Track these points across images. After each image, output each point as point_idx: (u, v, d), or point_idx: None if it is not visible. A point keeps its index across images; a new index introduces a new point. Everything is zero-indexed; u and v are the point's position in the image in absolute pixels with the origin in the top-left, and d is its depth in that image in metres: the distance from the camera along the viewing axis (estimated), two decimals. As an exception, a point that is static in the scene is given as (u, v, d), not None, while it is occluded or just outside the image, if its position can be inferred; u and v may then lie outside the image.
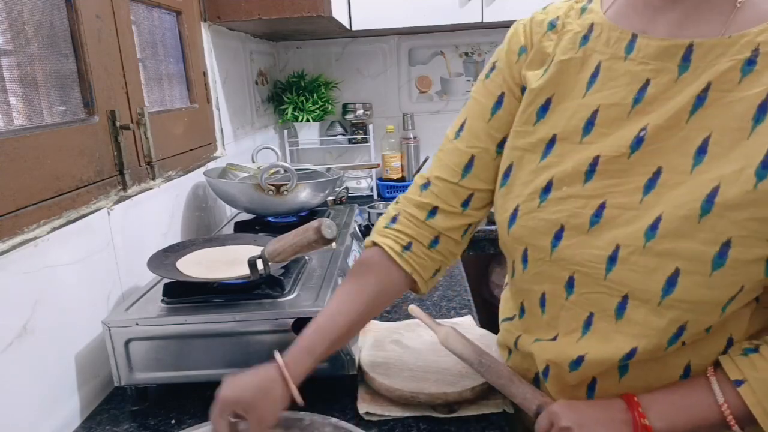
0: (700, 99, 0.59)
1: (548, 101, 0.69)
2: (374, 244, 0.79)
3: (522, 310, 0.76)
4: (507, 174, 0.73)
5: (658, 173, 0.61)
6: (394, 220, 0.79)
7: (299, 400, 0.71)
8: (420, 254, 0.77)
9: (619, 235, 0.62)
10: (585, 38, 0.68)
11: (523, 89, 0.72)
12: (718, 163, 0.58)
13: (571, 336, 0.69)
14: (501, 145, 0.75)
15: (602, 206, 0.64)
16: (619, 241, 0.62)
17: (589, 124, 0.66)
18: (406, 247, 0.77)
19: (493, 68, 0.76)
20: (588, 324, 0.67)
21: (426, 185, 0.78)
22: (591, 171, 0.65)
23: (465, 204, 0.77)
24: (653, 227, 0.59)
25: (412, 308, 0.94)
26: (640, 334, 0.63)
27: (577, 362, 0.67)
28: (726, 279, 0.57)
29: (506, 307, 0.84)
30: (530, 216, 0.69)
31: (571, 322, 0.69)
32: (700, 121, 0.59)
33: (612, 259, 0.62)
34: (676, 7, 0.62)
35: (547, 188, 0.68)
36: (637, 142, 0.62)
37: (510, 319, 0.81)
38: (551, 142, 0.69)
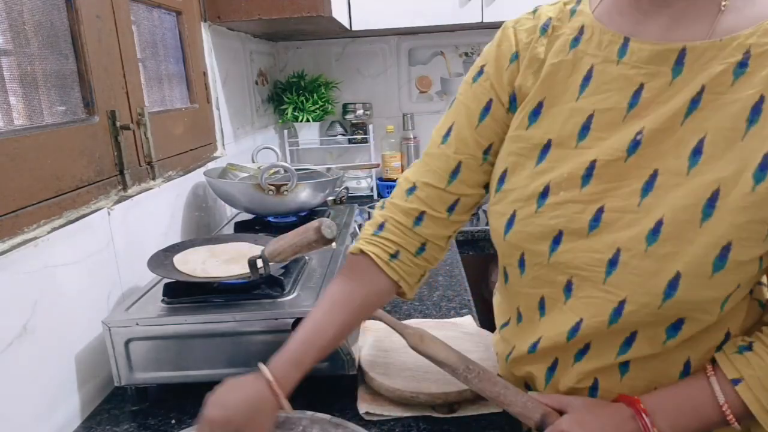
0: (695, 102, 0.60)
1: (540, 105, 0.69)
2: (361, 251, 0.77)
3: (519, 316, 0.76)
4: (502, 179, 0.72)
5: (654, 176, 0.62)
6: (381, 227, 0.77)
7: (289, 409, 0.70)
8: (407, 262, 0.77)
9: (619, 238, 0.62)
10: (576, 40, 0.68)
11: (512, 97, 0.72)
12: (713, 164, 0.59)
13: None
14: (487, 152, 0.75)
15: (600, 210, 0.64)
16: (620, 245, 0.62)
17: (585, 129, 0.66)
18: (394, 256, 0.76)
19: (480, 72, 0.75)
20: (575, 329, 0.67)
21: (412, 189, 0.77)
22: (588, 175, 0.65)
23: (450, 209, 0.76)
24: (655, 231, 0.60)
25: (379, 312, 0.88)
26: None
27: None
28: (725, 279, 0.59)
29: (500, 311, 0.84)
30: (528, 221, 0.68)
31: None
32: (695, 124, 0.60)
33: (612, 263, 0.63)
34: (664, 11, 0.63)
35: (544, 193, 0.68)
36: (634, 146, 0.63)
37: (507, 324, 0.81)
38: (546, 147, 0.69)
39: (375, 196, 2.26)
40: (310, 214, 1.39)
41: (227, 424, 0.66)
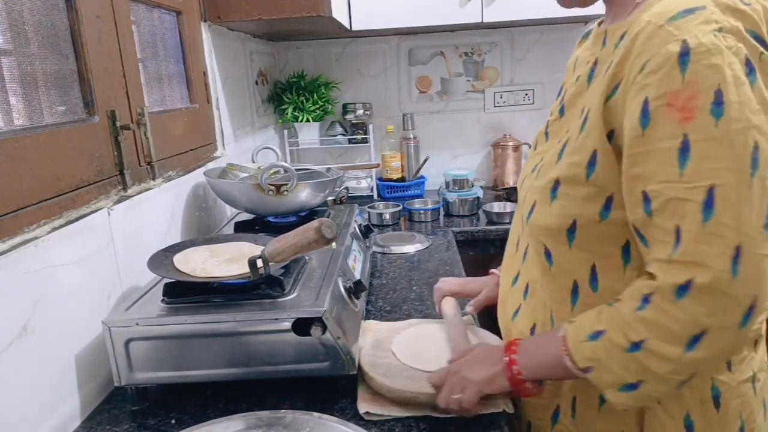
0: (592, 71, 0.73)
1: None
2: None
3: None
4: None
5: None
6: None
7: None
8: None
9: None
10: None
11: None
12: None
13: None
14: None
15: (542, 159, 0.79)
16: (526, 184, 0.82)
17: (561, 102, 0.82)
18: None
19: None
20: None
21: None
22: (546, 132, 0.82)
23: None
24: (534, 169, 0.78)
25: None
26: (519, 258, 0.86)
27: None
28: (559, 210, 0.72)
29: None
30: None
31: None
32: (590, 92, 0.73)
33: (524, 200, 0.81)
34: (607, 8, 0.78)
35: (535, 147, 0.86)
36: (561, 108, 0.79)
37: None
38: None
39: (375, 196, 2.26)
40: (310, 214, 1.39)
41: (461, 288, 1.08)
